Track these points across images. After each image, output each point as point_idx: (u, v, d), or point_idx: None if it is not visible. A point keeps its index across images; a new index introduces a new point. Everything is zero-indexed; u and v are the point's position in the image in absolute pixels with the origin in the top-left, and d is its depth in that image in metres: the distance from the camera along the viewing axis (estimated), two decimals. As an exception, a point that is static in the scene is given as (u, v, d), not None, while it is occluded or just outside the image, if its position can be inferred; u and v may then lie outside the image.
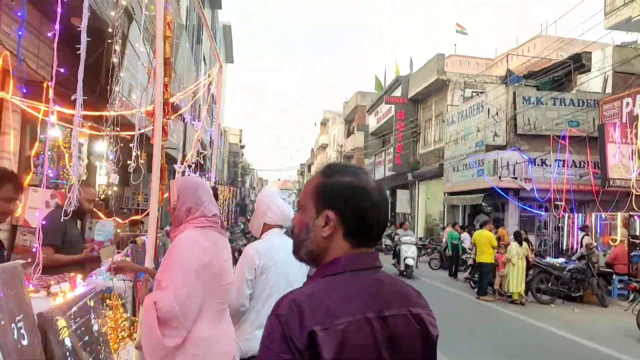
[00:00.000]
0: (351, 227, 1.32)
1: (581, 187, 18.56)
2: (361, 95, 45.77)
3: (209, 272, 2.53)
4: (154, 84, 3.20)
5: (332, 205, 1.32)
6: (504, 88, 20.55)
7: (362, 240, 1.35)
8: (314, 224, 1.34)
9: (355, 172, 1.39)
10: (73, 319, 2.61)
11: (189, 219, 2.61)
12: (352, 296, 1.26)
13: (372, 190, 1.35)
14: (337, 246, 1.33)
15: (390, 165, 32.06)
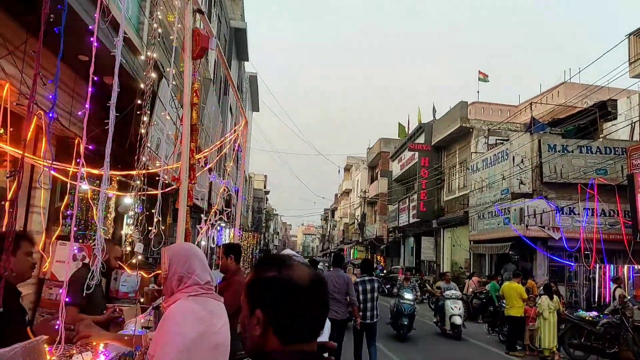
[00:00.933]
0: (280, 325, 1.27)
1: (612, 236, 18.10)
2: (384, 142, 46.03)
3: (205, 341, 2.45)
4: (180, 148, 3.24)
5: (260, 303, 1.29)
6: (529, 136, 20.44)
7: (297, 337, 1.28)
8: (249, 323, 1.31)
9: (281, 264, 1.33)
10: (94, 392, 2.57)
11: (180, 288, 2.52)
12: None
13: (299, 282, 1.29)
14: (271, 344, 1.27)
15: (415, 212, 31.82)
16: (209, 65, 13.75)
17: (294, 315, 1.27)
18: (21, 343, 1.99)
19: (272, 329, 1.27)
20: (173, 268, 2.57)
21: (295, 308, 1.28)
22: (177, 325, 2.39)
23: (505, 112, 33.31)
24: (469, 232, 24.85)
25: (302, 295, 1.29)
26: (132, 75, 6.86)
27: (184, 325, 2.39)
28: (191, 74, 3.25)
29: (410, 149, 33.16)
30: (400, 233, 37.92)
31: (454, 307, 14.02)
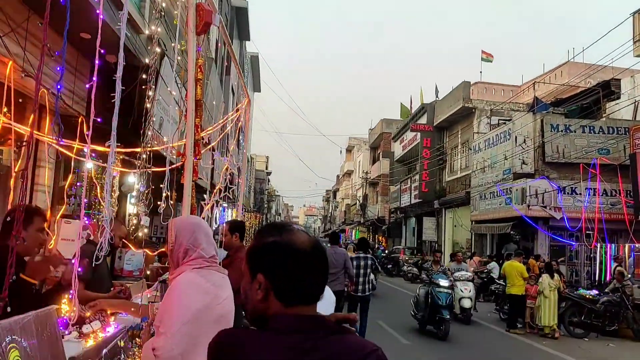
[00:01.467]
0: (281, 288, 1.30)
1: (613, 216, 18.15)
2: (386, 123, 45.89)
3: (209, 312, 2.49)
4: (185, 124, 3.26)
5: (261, 268, 1.32)
6: (531, 116, 20.37)
7: (298, 300, 1.31)
8: (251, 288, 1.34)
9: (281, 230, 1.37)
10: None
11: (186, 261, 2.56)
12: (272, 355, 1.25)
13: (299, 247, 1.32)
14: (272, 307, 1.31)
15: (417, 193, 31.87)
16: (211, 44, 13.68)
17: (294, 278, 1.30)
18: (34, 311, 2.04)
19: (273, 293, 1.30)
20: (179, 240, 2.61)
21: (296, 271, 1.31)
22: (182, 296, 2.44)
23: (508, 92, 33.18)
24: (471, 213, 24.92)
25: (303, 259, 1.32)
26: (134, 52, 6.84)
27: (189, 297, 2.44)
28: (195, 50, 3.25)
29: (413, 129, 33.08)
30: (402, 214, 38.02)
31: (463, 289, 12.92)
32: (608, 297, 12.29)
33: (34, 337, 1.93)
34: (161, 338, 2.36)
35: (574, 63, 27.17)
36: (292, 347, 1.25)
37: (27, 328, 1.90)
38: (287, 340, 1.26)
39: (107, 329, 3.02)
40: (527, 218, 18.93)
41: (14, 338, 1.78)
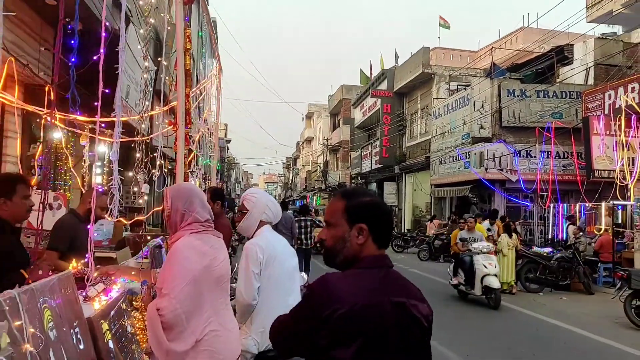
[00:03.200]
0: (377, 234, 1.72)
1: (565, 177, 19.00)
2: (346, 89, 45.90)
3: (209, 274, 2.64)
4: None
5: (362, 219, 1.71)
6: (489, 81, 20.87)
7: (383, 243, 1.75)
8: (349, 235, 1.71)
9: (369, 193, 1.83)
10: (112, 322, 2.75)
11: (183, 226, 2.68)
12: (370, 285, 1.63)
13: (384, 206, 1.80)
14: (368, 249, 1.71)
15: (377, 158, 32.31)
16: (172, 10, 13.36)
17: (387, 228, 1.76)
18: (56, 274, 2.14)
19: (372, 238, 1.70)
20: (175, 206, 2.72)
21: (386, 223, 1.76)
22: (183, 259, 2.57)
23: (466, 57, 33.68)
24: (430, 177, 25.53)
25: (387, 214, 1.78)
26: (99, 17, 6.69)
27: (189, 260, 2.58)
28: (183, 20, 3.29)
29: (373, 95, 33.30)
30: (363, 179, 38.53)
31: (487, 264, 10.68)
32: (561, 253, 13.00)
33: (59, 298, 2.04)
34: (165, 299, 2.49)
35: (529, 29, 27.78)
36: (388, 274, 1.71)
37: (54, 289, 2.01)
38: (381, 273, 1.70)
39: (109, 294, 3.13)
40: (485, 181, 19.60)
41: (45, 299, 1.89)
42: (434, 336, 1.85)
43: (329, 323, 1.53)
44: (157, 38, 10.78)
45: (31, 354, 1.59)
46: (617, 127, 14.98)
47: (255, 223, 3.41)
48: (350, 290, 1.58)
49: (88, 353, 2.21)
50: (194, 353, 2.50)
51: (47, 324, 1.83)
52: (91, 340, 2.33)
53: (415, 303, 1.69)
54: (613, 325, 9.20)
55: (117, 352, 2.71)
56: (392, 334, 1.60)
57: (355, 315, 1.54)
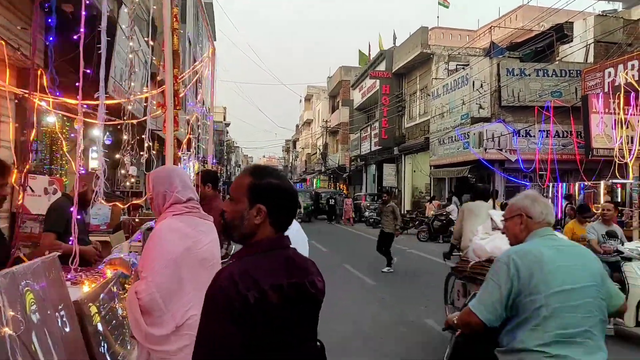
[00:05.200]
0: (275, 218, 1.73)
1: (565, 156, 18.94)
2: (345, 70, 45.62)
3: (192, 256, 2.59)
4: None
5: (263, 200, 1.71)
6: (488, 60, 20.70)
7: (281, 227, 1.76)
8: (248, 214, 1.71)
9: (279, 175, 1.81)
10: (102, 305, 2.75)
11: (166, 208, 2.67)
12: (271, 269, 1.66)
13: (291, 190, 1.79)
14: (264, 231, 1.73)
15: (377, 140, 32.22)
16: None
17: (285, 212, 1.76)
18: (39, 258, 2.12)
19: (270, 220, 1.71)
20: (157, 189, 2.71)
21: (287, 207, 1.77)
22: (162, 242, 2.55)
23: (465, 37, 33.39)
24: (430, 158, 25.49)
25: (291, 198, 1.78)
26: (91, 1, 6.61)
27: (169, 242, 2.54)
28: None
29: (371, 76, 33.10)
30: (363, 161, 38.50)
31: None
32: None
33: (44, 281, 2.02)
34: (143, 282, 2.47)
35: (528, 6, 27.49)
36: (287, 256, 1.74)
37: (37, 272, 2.00)
38: (281, 255, 1.73)
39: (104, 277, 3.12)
40: (484, 161, 19.56)
41: (28, 282, 1.88)
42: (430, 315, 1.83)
43: (242, 314, 1.55)
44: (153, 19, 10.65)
45: (10, 337, 1.58)
46: (617, 105, 14.88)
47: None
48: (256, 277, 1.60)
49: (74, 336, 2.21)
50: (175, 337, 2.48)
51: (29, 307, 1.83)
52: (78, 323, 2.32)
53: (312, 279, 1.76)
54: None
55: (106, 334, 2.72)
56: (290, 314, 1.66)
57: (263, 299, 1.57)
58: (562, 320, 2.27)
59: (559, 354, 2.24)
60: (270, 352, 1.62)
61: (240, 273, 1.60)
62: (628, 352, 6.43)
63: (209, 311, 1.60)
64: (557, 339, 2.25)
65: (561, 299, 2.28)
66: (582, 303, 2.31)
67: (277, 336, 1.64)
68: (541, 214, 2.54)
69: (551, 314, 2.26)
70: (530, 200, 2.59)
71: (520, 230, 2.56)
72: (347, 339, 6.68)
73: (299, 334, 1.72)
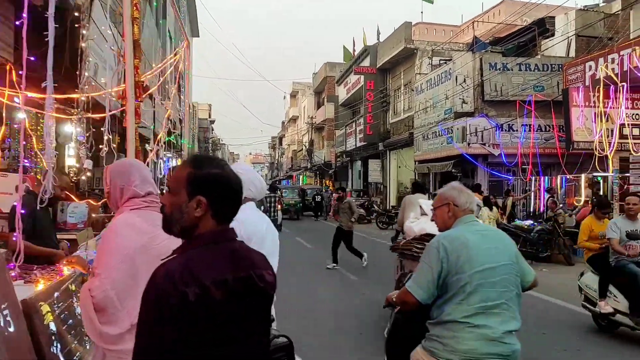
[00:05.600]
0: (217, 209, 1.64)
1: (547, 150, 19.02)
2: (330, 66, 45.55)
3: (149, 252, 2.46)
4: (123, 66, 3.18)
5: (203, 191, 1.62)
6: (471, 55, 20.74)
7: (224, 219, 1.67)
8: (187, 206, 1.63)
9: (220, 164, 1.72)
10: (56, 304, 2.65)
11: (124, 202, 2.57)
12: (213, 263, 1.58)
13: (233, 180, 1.69)
14: (205, 224, 1.64)
15: (362, 136, 32.21)
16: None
17: (228, 202, 1.67)
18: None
19: (211, 212, 1.63)
20: (114, 182, 2.61)
21: (229, 197, 1.67)
22: (117, 237, 2.44)
23: (449, 32, 33.41)
24: (414, 153, 25.51)
25: (234, 188, 1.68)
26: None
27: (124, 238, 2.43)
28: (129, -14, 3.14)
29: (356, 72, 33.05)
30: (348, 157, 38.48)
31: None
32: (541, 225, 13.08)
33: (-17, 279, 1.93)
34: (96, 279, 2.37)
35: (510, 1, 27.55)
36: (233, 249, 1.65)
37: (-25, 271, 1.90)
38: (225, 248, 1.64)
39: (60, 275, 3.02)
40: (468, 155, 19.60)
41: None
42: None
43: (181, 312, 1.48)
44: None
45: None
46: (597, 99, 14.98)
47: None
48: (196, 273, 1.52)
49: (19, 336, 2.12)
50: (130, 336, 2.37)
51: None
52: (26, 322, 2.23)
53: (261, 273, 1.69)
54: (590, 294, 9.22)
55: (61, 334, 2.61)
56: (236, 308, 1.60)
57: (205, 296, 1.50)
58: (483, 295, 2.63)
59: (479, 324, 2.61)
60: (214, 347, 1.55)
61: (180, 269, 1.53)
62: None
63: (146, 309, 1.52)
64: (478, 311, 2.62)
65: (482, 276, 2.65)
66: (500, 280, 2.68)
67: (221, 332, 1.57)
68: (466, 203, 2.92)
69: (474, 290, 2.63)
70: (457, 191, 2.95)
71: (448, 217, 2.93)
72: (330, 334, 6.65)
73: (246, 329, 1.65)
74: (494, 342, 2.62)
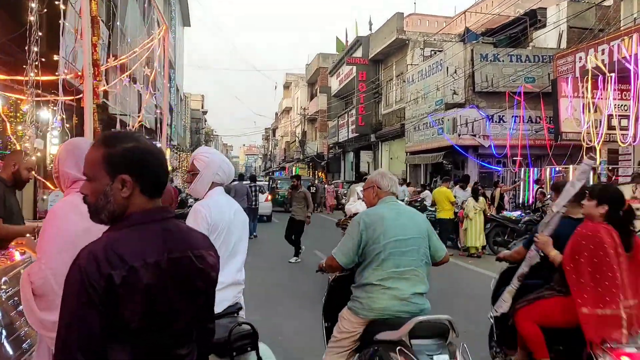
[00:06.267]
0: (145, 184, 1.54)
1: (537, 142, 19.01)
2: (323, 57, 45.32)
3: (92, 236, 2.35)
4: (81, 45, 3.08)
5: (125, 169, 1.51)
6: (462, 46, 20.65)
7: (154, 192, 1.57)
8: (111, 189, 1.51)
9: (134, 137, 1.59)
10: (4, 289, 2.56)
11: (70, 184, 2.43)
12: (143, 244, 1.48)
13: (153, 150, 1.58)
14: (136, 202, 1.53)
15: (354, 127, 32.13)
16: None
17: (154, 174, 1.56)
18: None
19: (138, 189, 1.52)
20: (62, 163, 2.48)
21: (154, 169, 1.56)
22: (59, 221, 2.32)
23: (442, 23, 33.23)
24: (405, 144, 25.46)
25: (156, 158, 1.57)
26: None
27: (66, 221, 2.30)
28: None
29: (348, 63, 32.90)
30: (340, 149, 38.39)
31: None
32: (529, 216, 13.04)
33: None
34: (35, 264, 2.28)
35: (503, -7, 27.38)
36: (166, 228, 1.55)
37: None
38: (157, 227, 1.54)
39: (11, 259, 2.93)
40: (458, 147, 19.57)
41: None
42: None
43: (105, 297, 1.39)
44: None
45: None
46: (585, 89, 14.93)
47: (206, 185, 3.21)
48: (122, 254, 1.43)
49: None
50: None
51: None
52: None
53: (201, 253, 1.61)
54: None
55: (11, 318, 2.53)
56: (171, 292, 1.51)
57: (132, 279, 1.42)
58: (395, 262, 3.13)
59: (391, 286, 3.12)
60: (145, 333, 1.46)
61: (104, 250, 1.44)
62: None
63: (68, 294, 1.42)
64: (391, 275, 3.12)
65: (394, 246, 3.14)
66: (409, 250, 3.17)
67: (153, 316, 1.47)
68: (388, 186, 3.42)
69: (387, 257, 3.12)
70: (380, 175, 3.48)
71: (373, 197, 3.45)
72: (312, 326, 6.59)
73: (183, 313, 1.56)
74: (403, 301, 3.11)
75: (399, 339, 2.95)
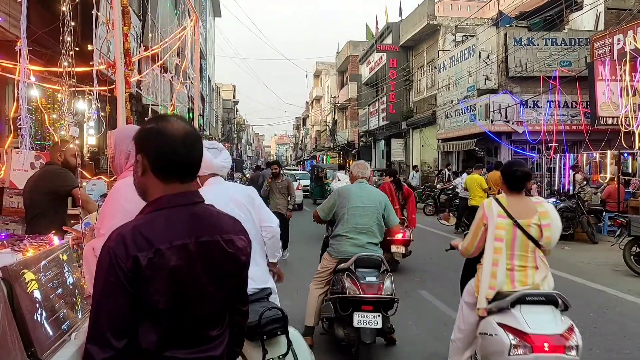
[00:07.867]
0: (156, 164, 1.56)
1: (573, 127, 18.55)
2: (353, 45, 45.02)
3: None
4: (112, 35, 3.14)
5: (141, 149, 1.58)
6: (495, 30, 20.22)
7: (169, 175, 1.57)
8: (135, 168, 1.62)
9: (168, 119, 1.62)
10: (43, 272, 2.65)
11: (127, 167, 2.55)
12: (170, 227, 1.52)
13: (170, 131, 1.56)
14: (152, 182, 1.59)
15: (384, 115, 31.88)
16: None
17: (165, 157, 1.56)
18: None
19: (151, 170, 1.57)
20: (120, 147, 2.60)
21: (164, 149, 1.55)
22: (118, 198, 2.43)
23: (474, 7, 32.58)
24: (437, 132, 25.16)
25: (170, 140, 1.55)
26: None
27: (127, 199, 2.36)
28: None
29: (378, 50, 32.62)
30: (371, 137, 38.20)
31: None
32: (565, 203, 12.76)
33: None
34: (100, 238, 2.35)
35: (538, -26, 26.65)
36: (194, 212, 1.59)
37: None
38: (184, 211, 1.57)
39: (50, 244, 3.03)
40: (491, 133, 19.23)
41: None
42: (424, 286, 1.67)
43: (132, 277, 1.44)
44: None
45: None
46: (623, 72, 14.44)
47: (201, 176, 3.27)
48: (148, 236, 1.48)
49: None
50: None
51: None
52: (6, 289, 2.23)
53: (230, 238, 1.64)
54: (611, 272, 9.07)
55: (51, 300, 2.62)
56: (199, 275, 1.55)
57: (158, 261, 1.46)
58: (355, 220, 4.78)
59: (352, 237, 4.74)
60: (172, 313, 1.50)
61: (132, 233, 1.48)
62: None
63: (98, 274, 1.48)
64: (353, 229, 4.77)
65: (354, 210, 4.82)
66: (366, 214, 4.81)
67: (180, 299, 1.51)
68: (359, 172, 5.20)
69: (350, 217, 4.79)
70: (355, 166, 5.35)
71: (352, 180, 5.33)
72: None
73: (212, 296, 1.60)
74: (360, 247, 4.67)
75: (348, 267, 4.52)
